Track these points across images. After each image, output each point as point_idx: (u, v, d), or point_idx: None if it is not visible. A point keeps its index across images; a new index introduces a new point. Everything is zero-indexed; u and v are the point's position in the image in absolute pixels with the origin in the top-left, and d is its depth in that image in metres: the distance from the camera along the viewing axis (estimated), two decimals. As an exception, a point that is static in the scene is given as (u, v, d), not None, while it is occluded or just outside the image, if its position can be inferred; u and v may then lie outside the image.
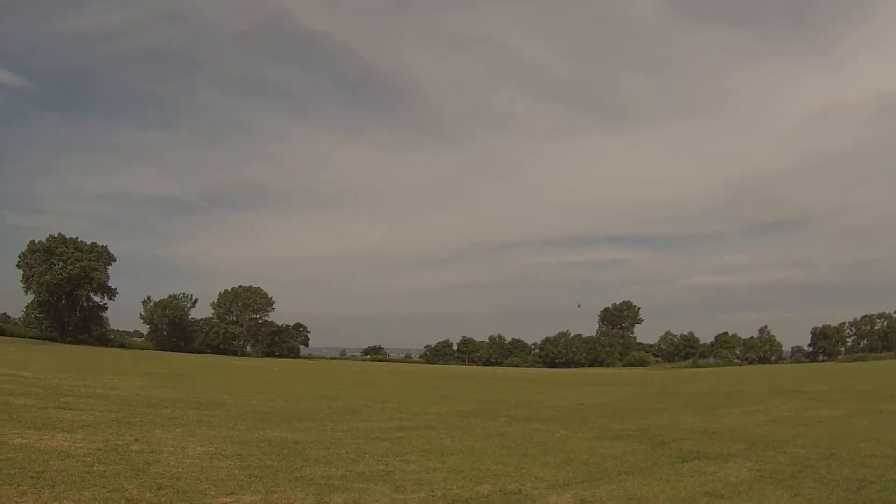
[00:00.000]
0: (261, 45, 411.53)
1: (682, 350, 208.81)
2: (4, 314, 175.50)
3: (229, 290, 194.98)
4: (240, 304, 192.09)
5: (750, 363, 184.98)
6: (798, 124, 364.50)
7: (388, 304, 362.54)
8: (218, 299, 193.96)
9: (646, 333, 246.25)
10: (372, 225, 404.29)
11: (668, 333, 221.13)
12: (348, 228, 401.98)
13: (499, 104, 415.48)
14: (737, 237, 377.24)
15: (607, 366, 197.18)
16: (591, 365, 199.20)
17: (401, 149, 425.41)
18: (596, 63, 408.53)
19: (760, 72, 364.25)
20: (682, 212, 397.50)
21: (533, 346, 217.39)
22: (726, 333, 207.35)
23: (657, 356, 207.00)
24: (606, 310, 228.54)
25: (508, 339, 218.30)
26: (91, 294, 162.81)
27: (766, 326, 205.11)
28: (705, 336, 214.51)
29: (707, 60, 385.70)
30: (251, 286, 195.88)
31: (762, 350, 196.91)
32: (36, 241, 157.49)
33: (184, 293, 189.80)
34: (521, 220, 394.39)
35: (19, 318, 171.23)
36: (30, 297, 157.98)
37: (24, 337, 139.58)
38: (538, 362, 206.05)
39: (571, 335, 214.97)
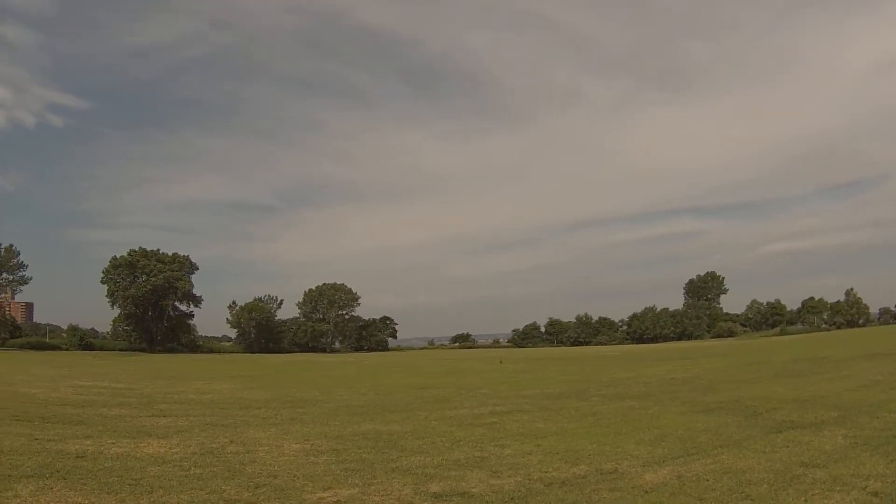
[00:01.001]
0: (320, 43, 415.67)
1: (769, 318, 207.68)
2: (93, 329, 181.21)
3: (314, 288, 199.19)
4: (325, 301, 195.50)
5: (838, 327, 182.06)
6: (865, 76, 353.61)
7: (471, 290, 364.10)
8: (303, 298, 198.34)
9: (731, 303, 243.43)
10: (449, 212, 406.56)
11: (754, 302, 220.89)
12: (426, 218, 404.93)
13: (562, 82, 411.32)
14: (813, 199, 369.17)
15: (695, 338, 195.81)
16: (678, 338, 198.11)
17: (469, 134, 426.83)
18: (653, 32, 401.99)
19: (821, 25, 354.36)
20: (756, 177, 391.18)
21: (620, 324, 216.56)
22: (812, 298, 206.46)
23: (744, 325, 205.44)
24: (691, 282, 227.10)
25: (595, 317, 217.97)
26: (177, 303, 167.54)
27: (851, 289, 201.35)
28: (791, 302, 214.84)
29: (764, 19, 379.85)
30: (335, 283, 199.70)
31: (849, 313, 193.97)
32: (118, 257, 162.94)
33: (268, 295, 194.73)
34: (595, 196, 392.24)
35: (107, 332, 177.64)
36: (116, 311, 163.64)
37: (114, 350, 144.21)
38: (626, 339, 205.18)
39: (658, 309, 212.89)
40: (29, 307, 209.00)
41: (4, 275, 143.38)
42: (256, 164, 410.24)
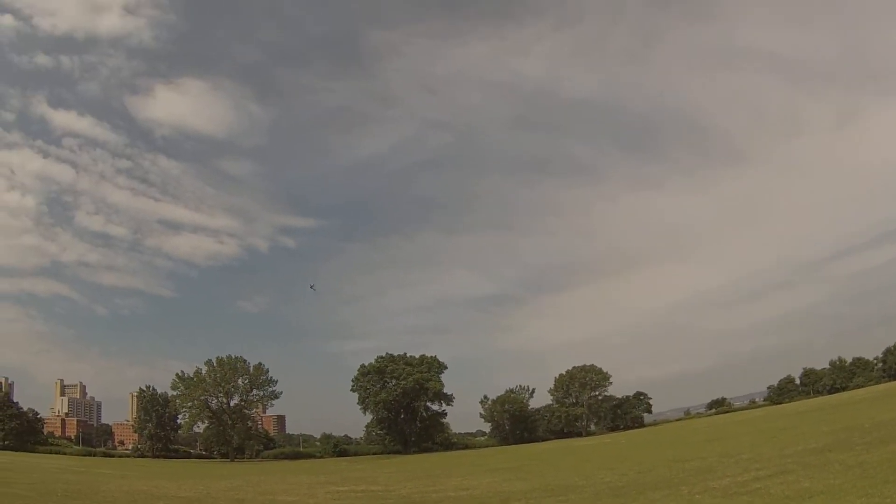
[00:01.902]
0: (530, 124, 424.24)
1: None
2: (346, 436, 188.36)
3: (564, 373, 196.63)
4: (577, 384, 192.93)
5: None
6: None
7: (721, 349, 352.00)
8: (554, 384, 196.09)
9: None
10: (682, 271, 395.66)
11: None
12: (661, 281, 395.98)
13: (773, 108, 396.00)
14: None
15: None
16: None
17: (690, 183, 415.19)
18: (854, 33, 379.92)
19: None
20: None
21: (875, 361, 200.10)
22: None
23: None
24: None
25: (849, 359, 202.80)
26: (428, 403, 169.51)
27: None
28: None
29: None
30: (585, 364, 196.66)
31: None
32: (366, 364, 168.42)
33: (520, 385, 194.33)
34: (833, 224, 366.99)
35: (361, 438, 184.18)
36: (368, 417, 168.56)
37: (368, 454, 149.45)
38: (884, 377, 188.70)
39: None
40: (281, 420, 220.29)
41: (255, 391, 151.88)
42: (495, 255, 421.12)
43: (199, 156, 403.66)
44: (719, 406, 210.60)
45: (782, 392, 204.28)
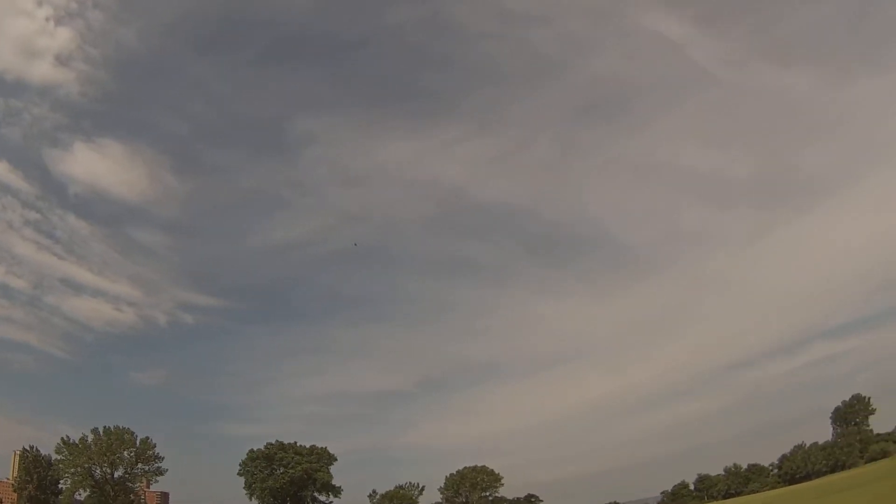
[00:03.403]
0: (445, 225, 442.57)
1: None
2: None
3: (455, 472, 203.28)
4: (467, 484, 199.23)
5: None
6: None
7: (617, 453, 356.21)
8: (445, 483, 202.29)
9: (882, 422, 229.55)
10: (589, 377, 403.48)
11: None
12: (565, 386, 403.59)
13: (687, 223, 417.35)
14: None
15: (849, 467, 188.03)
16: (832, 471, 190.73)
17: (601, 293, 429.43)
18: (765, 153, 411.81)
19: None
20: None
21: (770, 468, 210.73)
22: None
23: None
24: (837, 409, 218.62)
25: (744, 465, 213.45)
26: (316, 494, 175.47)
27: None
28: None
29: (863, 112, 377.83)
30: (476, 465, 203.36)
31: None
32: (255, 449, 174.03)
33: (409, 482, 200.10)
34: (737, 335, 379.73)
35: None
36: (254, 503, 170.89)
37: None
38: (780, 482, 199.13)
39: (807, 445, 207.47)
40: (165, 497, 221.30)
41: (140, 465, 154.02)
42: (397, 351, 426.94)
43: (110, 219, 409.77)
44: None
45: (676, 497, 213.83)
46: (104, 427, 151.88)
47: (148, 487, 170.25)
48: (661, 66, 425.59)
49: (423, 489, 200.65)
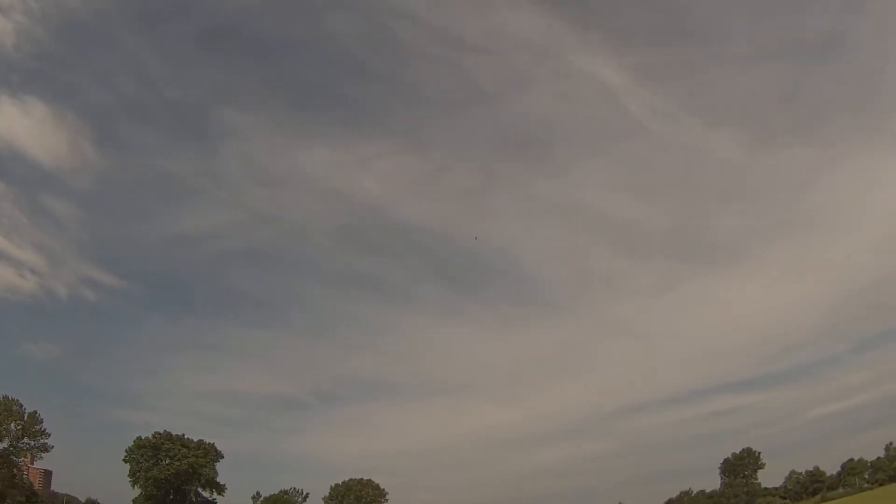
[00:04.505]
0: (356, 239, 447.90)
1: (808, 487, 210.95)
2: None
3: (341, 483, 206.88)
4: (352, 496, 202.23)
5: (881, 485, 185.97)
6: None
7: (507, 487, 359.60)
8: (329, 493, 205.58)
9: (770, 477, 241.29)
10: (485, 407, 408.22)
11: (792, 472, 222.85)
12: (462, 413, 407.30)
13: (599, 267, 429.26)
14: (849, 356, 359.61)
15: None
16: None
17: (507, 326, 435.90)
18: (684, 208, 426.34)
19: (839, 180, 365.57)
20: (794, 341, 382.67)
21: None
22: (852, 460, 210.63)
23: (784, 497, 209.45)
24: (727, 461, 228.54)
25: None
26: (200, 489, 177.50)
27: (891, 443, 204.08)
28: (831, 467, 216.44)
29: (785, 181, 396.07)
30: (362, 479, 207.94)
31: (890, 468, 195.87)
32: (142, 437, 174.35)
33: (294, 488, 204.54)
34: (635, 381, 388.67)
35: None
36: (137, 491, 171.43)
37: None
38: None
39: (694, 493, 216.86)
40: (48, 475, 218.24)
41: (26, 440, 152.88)
42: (291, 357, 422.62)
43: (24, 182, 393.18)
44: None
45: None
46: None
47: (32, 463, 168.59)
48: (593, 110, 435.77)
49: (307, 496, 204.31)
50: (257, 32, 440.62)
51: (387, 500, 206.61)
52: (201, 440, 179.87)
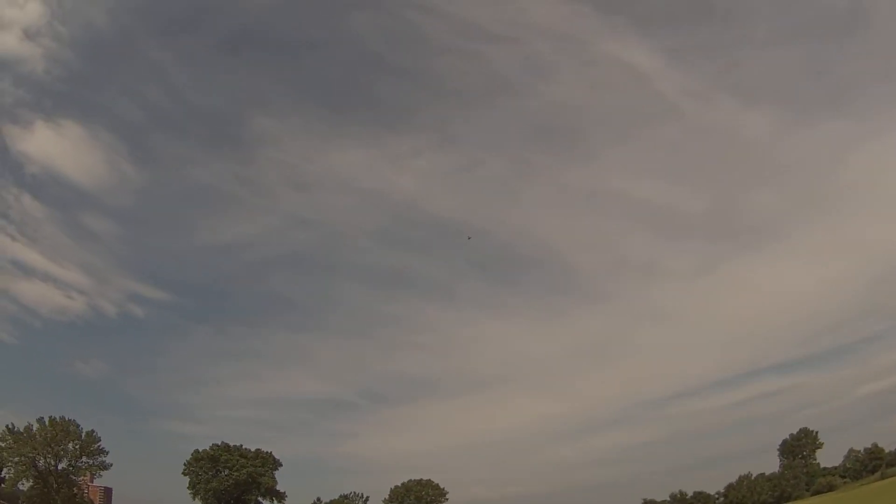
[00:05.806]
0: (393, 238, 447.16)
1: (868, 464, 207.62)
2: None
3: (400, 485, 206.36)
4: (412, 497, 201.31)
5: None
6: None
7: (559, 477, 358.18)
8: (389, 495, 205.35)
9: (829, 455, 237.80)
10: (532, 398, 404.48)
11: (851, 451, 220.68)
12: (508, 405, 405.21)
13: (636, 253, 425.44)
14: (891, 333, 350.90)
15: (794, 499, 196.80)
16: (777, 502, 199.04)
17: (548, 316, 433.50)
18: (719, 190, 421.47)
19: (876, 152, 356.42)
20: (834, 320, 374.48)
21: (717, 496, 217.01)
22: None
23: (844, 476, 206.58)
24: (784, 442, 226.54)
25: (690, 493, 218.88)
26: (260, 498, 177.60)
27: None
28: (890, 443, 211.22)
29: (820, 157, 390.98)
30: (421, 479, 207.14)
31: None
32: (200, 450, 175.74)
33: (354, 492, 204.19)
34: (679, 366, 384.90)
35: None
36: (198, 503, 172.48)
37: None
38: None
39: (753, 476, 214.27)
40: (108, 492, 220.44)
41: (85, 458, 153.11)
42: (341, 360, 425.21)
43: (64, 203, 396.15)
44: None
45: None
46: (49, 417, 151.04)
47: (91, 481, 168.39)
48: (624, 95, 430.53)
49: (367, 499, 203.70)
50: (281, 35, 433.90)
51: (447, 498, 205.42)
52: (259, 449, 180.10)
